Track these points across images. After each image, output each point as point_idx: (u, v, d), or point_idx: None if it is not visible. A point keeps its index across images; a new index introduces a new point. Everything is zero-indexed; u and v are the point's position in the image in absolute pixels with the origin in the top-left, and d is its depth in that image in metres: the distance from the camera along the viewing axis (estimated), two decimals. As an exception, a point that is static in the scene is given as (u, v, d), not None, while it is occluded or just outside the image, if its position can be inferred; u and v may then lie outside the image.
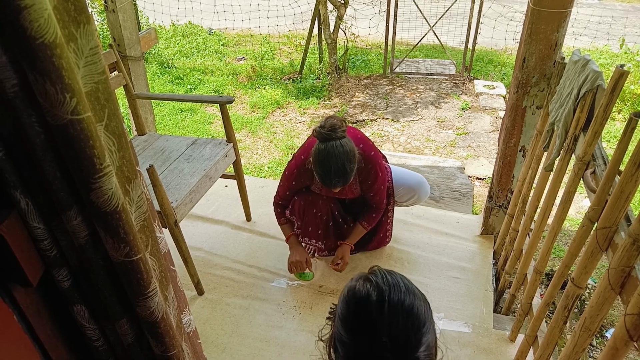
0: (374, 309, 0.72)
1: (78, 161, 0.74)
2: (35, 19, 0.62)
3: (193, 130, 4.02)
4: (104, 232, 0.82)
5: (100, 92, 0.78)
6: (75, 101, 0.69)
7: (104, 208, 0.79)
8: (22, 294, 0.85)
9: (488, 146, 3.67)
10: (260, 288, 2.12)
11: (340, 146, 1.65)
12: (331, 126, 1.66)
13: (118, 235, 0.83)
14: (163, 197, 1.73)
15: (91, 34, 0.75)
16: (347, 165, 1.67)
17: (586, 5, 7.39)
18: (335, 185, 1.71)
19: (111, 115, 0.81)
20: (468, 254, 2.29)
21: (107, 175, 0.77)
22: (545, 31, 1.70)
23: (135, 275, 0.89)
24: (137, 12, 5.32)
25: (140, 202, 0.92)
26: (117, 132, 0.83)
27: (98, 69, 0.77)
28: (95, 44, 0.76)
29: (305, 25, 5.27)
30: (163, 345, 1.00)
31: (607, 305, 1.07)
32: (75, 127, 0.70)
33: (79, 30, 0.73)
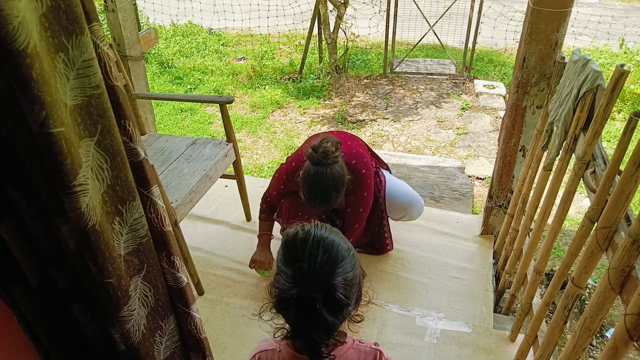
0: (299, 242, 0.88)
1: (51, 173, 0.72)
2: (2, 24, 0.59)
3: (193, 130, 4.02)
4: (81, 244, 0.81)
5: (93, 107, 0.76)
6: (45, 114, 0.66)
7: (75, 223, 0.77)
8: (22, 294, 0.85)
9: (488, 146, 3.67)
10: (260, 288, 2.12)
11: (329, 174, 1.64)
12: (324, 151, 1.63)
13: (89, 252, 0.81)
14: (163, 197, 1.73)
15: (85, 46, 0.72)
16: (333, 194, 1.66)
17: (586, 5, 7.38)
18: (318, 209, 1.72)
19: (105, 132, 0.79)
20: (468, 253, 2.29)
21: (76, 194, 0.74)
22: (545, 31, 1.70)
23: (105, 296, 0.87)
24: (137, 12, 5.32)
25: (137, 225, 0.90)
26: (111, 150, 0.81)
27: (92, 82, 0.74)
28: (90, 56, 0.73)
29: (305, 25, 5.27)
30: None
31: (607, 305, 1.07)
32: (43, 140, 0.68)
33: (71, 41, 0.70)
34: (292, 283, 0.84)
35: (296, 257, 0.86)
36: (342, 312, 0.88)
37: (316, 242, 0.87)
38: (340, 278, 0.85)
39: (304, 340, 0.92)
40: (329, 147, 1.65)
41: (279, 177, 1.98)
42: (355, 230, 2.02)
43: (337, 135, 1.93)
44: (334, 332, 0.91)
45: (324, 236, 0.88)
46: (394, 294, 2.07)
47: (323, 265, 0.84)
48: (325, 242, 0.87)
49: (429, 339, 1.86)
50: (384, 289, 2.10)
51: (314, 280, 0.83)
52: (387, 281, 2.14)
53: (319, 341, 0.88)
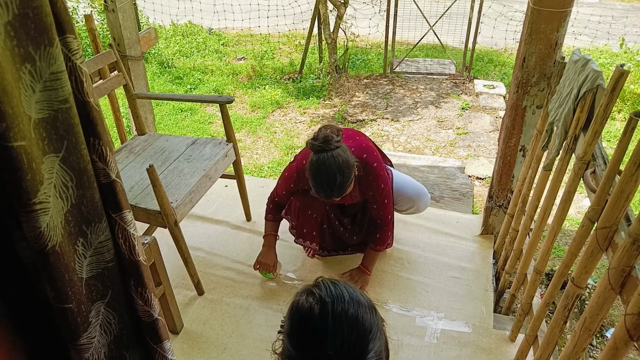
0: (318, 322, 0.72)
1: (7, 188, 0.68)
2: None
3: (193, 130, 4.02)
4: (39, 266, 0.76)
5: (60, 122, 0.72)
6: (4, 127, 0.63)
7: (33, 244, 0.72)
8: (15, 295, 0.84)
9: (488, 146, 3.67)
10: (260, 288, 2.12)
11: (332, 158, 1.62)
12: (324, 137, 1.63)
13: (45, 276, 0.76)
14: (163, 197, 1.73)
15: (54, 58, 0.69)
16: (339, 178, 1.63)
17: (586, 5, 7.38)
18: (327, 197, 1.69)
19: (71, 149, 0.75)
20: (468, 253, 2.29)
21: (35, 213, 0.70)
22: (545, 31, 1.70)
23: (63, 322, 0.82)
24: (137, 12, 5.32)
25: (103, 249, 0.86)
26: (77, 168, 0.77)
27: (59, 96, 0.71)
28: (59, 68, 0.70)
29: (305, 24, 5.27)
30: None
31: (607, 305, 1.07)
32: (3, 154, 0.64)
33: (39, 52, 0.67)
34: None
35: (317, 341, 0.70)
36: None
37: (339, 318, 0.71)
38: (371, 354, 0.71)
39: None
40: (329, 133, 1.65)
41: (289, 175, 1.96)
42: (389, 222, 2.03)
43: (345, 131, 1.92)
44: None
45: (346, 309, 0.71)
46: (394, 294, 2.07)
47: (353, 348, 0.69)
48: (349, 316, 0.71)
49: (429, 339, 1.86)
50: (384, 289, 2.10)
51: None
52: (387, 281, 2.14)
53: None
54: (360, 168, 1.79)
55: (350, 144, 1.80)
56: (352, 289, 0.78)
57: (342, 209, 2.15)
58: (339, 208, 2.13)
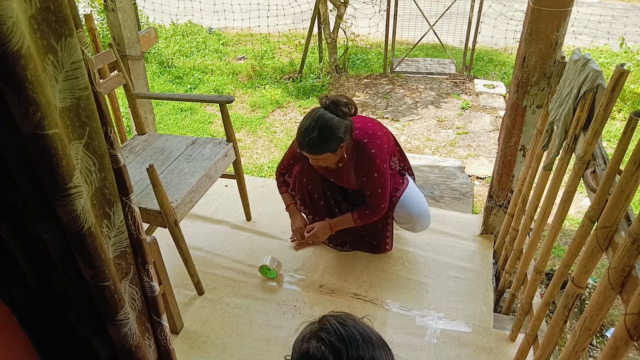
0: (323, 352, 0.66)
1: (44, 175, 0.71)
2: None
3: (193, 129, 4.02)
4: (74, 249, 0.80)
5: (82, 109, 0.76)
6: (39, 115, 0.66)
7: (70, 227, 0.76)
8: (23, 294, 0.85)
9: (488, 145, 3.67)
10: (260, 288, 2.12)
11: (325, 115, 1.70)
12: (334, 100, 1.71)
13: (83, 256, 0.80)
14: (163, 196, 1.73)
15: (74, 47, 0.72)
16: (315, 134, 1.69)
17: (586, 5, 7.38)
18: (300, 144, 1.75)
19: (93, 134, 0.78)
20: (468, 253, 2.29)
21: (71, 197, 0.73)
22: (546, 30, 1.70)
23: (101, 300, 0.86)
24: (136, 12, 5.32)
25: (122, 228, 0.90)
26: (99, 152, 0.80)
27: (80, 84, 0.74)
28: (79, 57, 0.73)
29: (305, 24, 5.26)
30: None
31: (607, 305, 1.06)
32: (39, 142, 0.67)
33: (60, 43, 0.70)
34: None
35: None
36: None
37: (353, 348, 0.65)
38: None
39: None
40: (342, 100, 1.72)
41: (295, 142, 2.01)
42: (381, 210, 2.03)
43: (364, 117, 1.95)
44: None
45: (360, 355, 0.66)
46: (393, 294, 2.07)
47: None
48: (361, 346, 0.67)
49: (429, 339, 1.86)
50: (384, 288, 2.10)
51: None
52: (387, 281, 2.14)
53: None
54: (356, 152, 1.84)
55: (357, 126, 1.83)
56: (362, 327, 0.72)
57: (343, 193, 2.15)
58: (340, 191, 2.14)
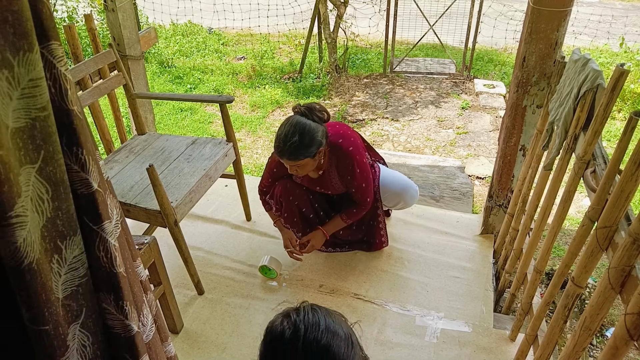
0: (287, 347, 0.73)
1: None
2: None
3: (193, 129, 4.01)
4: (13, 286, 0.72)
5: (37, 131, 0.69)
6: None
7: (7, 261, 0.68)
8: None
9: (488, 145, 3.67)
10: (260, 288, 2.12)
11: (302, 121, 1.72)
12: (309, 106, 1.76)
13: (21, 296, 0.72)
14: (163, 196, 1.73)
15: (34, 64, 0.67)
16: (296, 139, 1.70)
17: (586, 4, 7.38)
18: (281, 151, 1.75)
19: (48, 159, 0.72)
20: (468, 253, 2.29)
21: (11, 227, 0.66)
22: (546, 30, 1.70)
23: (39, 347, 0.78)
24: (136, 12, 5.32)
25: (77, 264, 0.82)
26: (53, 179, 0.73)
27: (37, 104, 0.68)
28: (38, 75, 0.68)
29: (305, 24, 5.26)
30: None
31: (607, 305, 1.07)
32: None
33: (17, 58, 0.65)
34: None
35: None
36: None
37: (308, 345, 0.72)
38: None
39: None
40: (316, 106, 1.77)
41: (272, 161, 2.05)
42: (368, 205, 2.04)
43: (334, 123, 1.98)
44: None
45: (317, 337, 0.72)
46: (393, 294, 2.07)
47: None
48: (320, 344, 0.72)
49: (429, 339, 1.86)
50: (383, 288, 2.10)
51: None
52: (386, 281, 2.14)
53: None
54: (334, 155, 1.87)
55: (329, 130, 1.86)
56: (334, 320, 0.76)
57: (329, 200, 2.15)
58: (326, 199, 2.14)
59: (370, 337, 1.87)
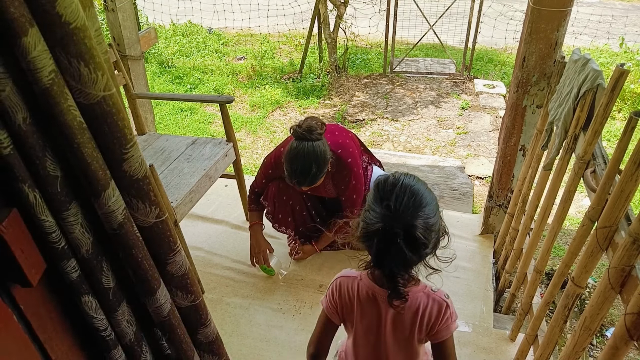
0: (389, 185, 0.98)
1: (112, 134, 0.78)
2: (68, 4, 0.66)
3: (193, 129, 4.01)
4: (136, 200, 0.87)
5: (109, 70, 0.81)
6: (107, 78, 0.74)
7: (136, 175, 0.84)
8: (22, 293, 0.85)
9: (488, 145, 3.67)
10: (260, 288, 2.12)
11: (311, 148, 1.69)
12: (307, 127, 1.70)
13: (149, 198, 0.89)
14: (163, 196, 1.73)
15: (95, 16, 0.79)
16: (313, 168, 1.70)
17: (586, 4, 7.38)
18: (299, 184, 1.75)
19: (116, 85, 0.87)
20: (468, 253, 2.29)
21: (135, 144, 0.82)
22: (546, 30, 1.70)
23: (165, 233, 0.95)
24: (136, 12, 5.31)
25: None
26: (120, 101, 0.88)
27: (103, 49, 0.81)
28: (99, 25, 0.81)
29: (305, 24, 5.26)
30: (192, 294, 1.07)
31: (607, 305, 1.07)
32: (107, 102, 0.76)
33: (87, 13, 0.75)
34: (379, 219, 0.95)
35: (385, 197, 0.96)
36: (419, 251, 0.96)
37: (404, 187, 0.97)
38: (421, 220, 0.94)
39: (383, 271, 1.01)
40: (314, 124, 1.72)
41: (267, 163, 2.02)
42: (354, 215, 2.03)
43: (328, 126, 1.96)
44: (410, 268, 1.01)
45: (411, 184, 0.98)
46: (394, 294, 2.07)
47: (408, 207, 0.95)
48: (412, 188, 0.97)
49: (429, 339, 1.86)
50: (384, 288, 2.10)
51: (398, 219, 0.94)
52: (387, 281, 2.14)
53: (396, 272, 0.98)
54: (334, 164, 1.84)
55: (327, 138, 1.85)
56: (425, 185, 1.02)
57: (322, 201, 2.16)
58: (319, 200, 2.14)
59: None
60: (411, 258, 0.96)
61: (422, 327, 1.07)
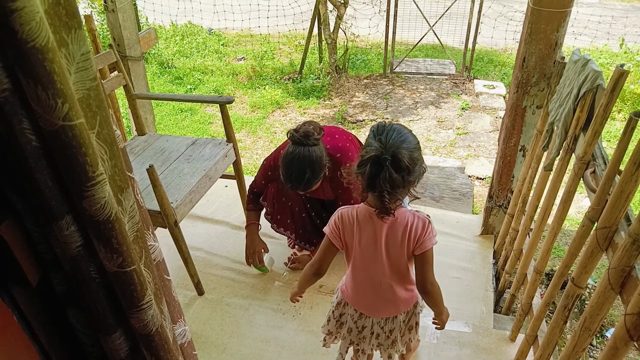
0: (381, 126, 1.22)
1: (70, 168, 0.72)
2: (26, 22, 0.60)
3: (193, 130, 4.02)
4: (97, 241, 0.81)
5: (92, 99, 0.76)
6: (68, 107, 0.68)
7: (97, 217, 0.77)
8: (22, 294, 0.85)
9: (488, 146, 3.67)
10: (260, 288, 2.12)
11: (307, 153, 1.68)
12: (305, 132, 1.69)
13: (111, 245, 0.81)
14: (163, 197, 1.73)
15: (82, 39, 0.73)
16: (308, 173, 1.69)
17: (586, 5, 7.39)
18: (293, 188, 1.75)
19: (103, 123, 0.79)
20: (468, 253, 2.29)
21: (100, 184, 0.75)
22: (545, 31, 1.70)
23: (128, 286, 0.87)
24: (136, 12, 5.32)
25: (133, 212, 0.91)
26: (108, 140, 0.81)
27: (89, 75, 0.75)
28: (87, 49, 0.74)
29: (305, 25, 5.27)
30: (158, 359, 0.99)
31: (607, 305, 1.07)
32: (67, 133, 0.69)
33: (70, 35, 0.71)
34: (373, 150, 1.17)
35: (378, 134, 1.20)
36: (402, 173, 1.17)
37: (393, 128, 1.21)
38: (405, 151, 1.17)
39: (374, 191, 1.21)
40: (311, 129, 1.71)
41: (267, 164, 2.02)
42: None
43: (329, 128, 1.95)
44: (395, 188, 1.18)
45: (399, 128, 1.22)
46: (394, 294, 2.07)
47: (395, 141, 1.18)
48: (399, 129, 1.21)
49: (429, 339, 1.86)
50: (384, 289, 2.10)
51: (388, 149, 1.16)
52: (387, 281, 2.14)
53: (384, 189, 1.17)
54: (332, 168, 1.83)
55: (326, 142, 1.85)
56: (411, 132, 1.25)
57: (322, 203, 2.15)
58: (319, 202, 2.14)
59: (370, 338, 1.87)
60: (396, 179, 1.16)
61: (411, 239, 1.29)
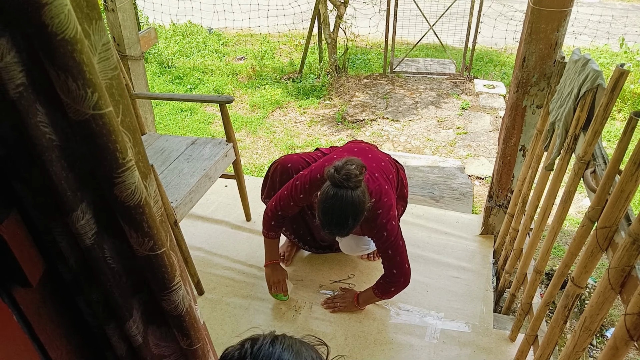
0: None
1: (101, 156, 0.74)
2: (55, 14, 0.62)
3: (193, 130, 4.02)
4: (128, 227, 0.83)
5: (115, 88, 0.78)
6: (97, 96, 0.70)
7: (128, 202, 0.79)
8: (22, 294, 0.85)
9: (488, 146, 3.67)
10: (260, 288, 2.12)
11: (349, 198, 1.52)
12: (346, 174, 1.52)
13: (142, 229, 0.83)
14: (163, 197, 1.73)
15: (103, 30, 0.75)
16: (350, 221, 1.55)
17: (586, 5, 7.38)
18: (331, 234, 1.62)
19: (125, 111, 0.81)
20: (468, 253, 2.29)
21: (129, 170, 0.78)
22: (546, 30, 1.70)
23: (159, 269, 0.89)
24: (136, 12, 5.32)
25: (157, 197, 0.93)
26: (131, 128, 0.83)
27: (111, 65, 0.77)
28: (107, 39, 0.76)
29: (305, 24, 5.26)
30: (189, 338, 1.00)
31: (607, 305, 1.07)
32: (97, 122, 0.71)
33: (92, 27, 0.73)
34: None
35: None
36: None
37: None
38: None
39: None
40: (353, 169, 1.53)
41: (300, 186, 1.78)
42: (395, 277, 1.80)
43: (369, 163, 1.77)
44: None
45: None
46: (394, 294, 2.07)
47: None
48: None
49: (429, 339, 1.86)
50: (384, 288, 2.10)
51: None
52: (387, 281, 2.14)
53: None
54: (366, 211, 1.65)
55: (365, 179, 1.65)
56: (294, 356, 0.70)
57: None
58: None
59: (370, 337, 1.87)
60: None
61: None
